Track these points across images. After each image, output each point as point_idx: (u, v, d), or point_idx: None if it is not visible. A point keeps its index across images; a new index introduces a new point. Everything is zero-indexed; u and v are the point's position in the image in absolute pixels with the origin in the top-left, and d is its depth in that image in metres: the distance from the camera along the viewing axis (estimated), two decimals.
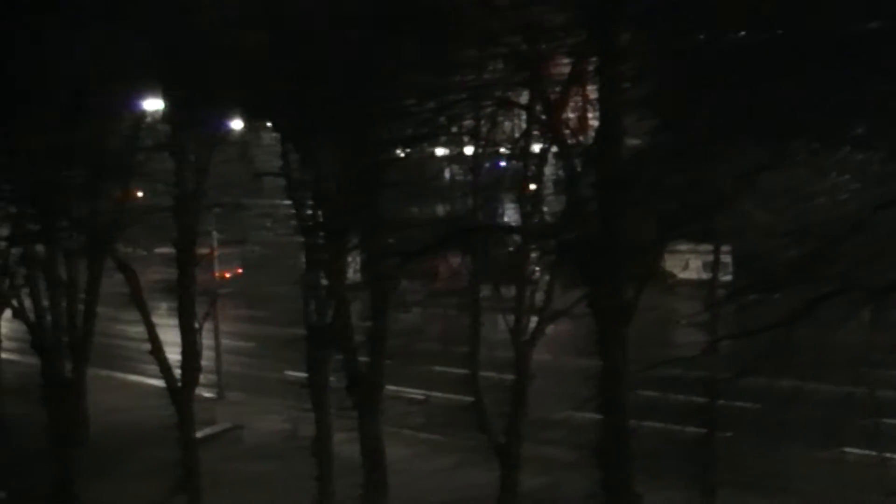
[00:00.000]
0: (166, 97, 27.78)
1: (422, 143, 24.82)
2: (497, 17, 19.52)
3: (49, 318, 32.00)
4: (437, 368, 31.60)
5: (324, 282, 25.74)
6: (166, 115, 28.30)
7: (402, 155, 24.71)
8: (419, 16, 20.19)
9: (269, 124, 27.79)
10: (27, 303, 32.03)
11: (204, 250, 34.42)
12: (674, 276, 24.34)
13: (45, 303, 31.89)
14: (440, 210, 25.61)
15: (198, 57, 24.04)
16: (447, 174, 26.88)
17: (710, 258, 26.68)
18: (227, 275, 30.89)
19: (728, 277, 26.14)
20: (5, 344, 40.64)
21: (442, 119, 23.39)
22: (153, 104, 28.99)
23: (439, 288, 27.10)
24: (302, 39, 22.09)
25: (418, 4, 20.60)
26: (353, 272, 26.48)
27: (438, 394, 34.04)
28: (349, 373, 24.67)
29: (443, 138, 25.47)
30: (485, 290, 25.35)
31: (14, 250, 34.36)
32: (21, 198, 30.60)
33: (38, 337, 31.46)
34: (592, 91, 19.69)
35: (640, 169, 18.30)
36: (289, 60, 22.20)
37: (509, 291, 25.29)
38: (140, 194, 32.70)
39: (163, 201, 28.56)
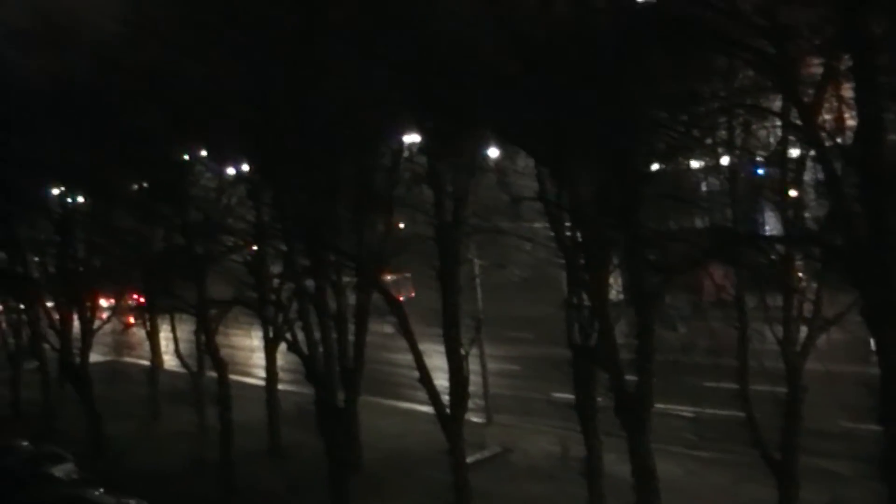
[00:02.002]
0: (423, 129, 28.44)
1: (677, 156, 24.53)
2: (742, 21, 19.19)
3: (321, 349, 33.07)
4: (707, 384, 31.05)
5: (587, 302, 25.69)
6: (423, 147, 28.95)
7: (659, 169, 24.48)
8: (665, 27, 20.09)
9: (523, 149, 28.01)
10: (300, 335, 33.17)
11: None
12: None
13: (317, 335, 32.97)
14: (700, 223, 25.21)
15: (452, 87, 24.54)
16: (704, 186, 26.46)
17: None
18: (401, 298, 31.39)
19: None
20: (281, 375, 42.13)
21: (695, 131, 23.16)
22: (411, 136, 29.69)
23: (705, 301, 26.62)
24: (550, 62, 22.27)
25: (663, 16, 20.50)
26: (615, 291, 26.33)
27: (709, 409, 33.42)
28: (617, 392, 24.49)
29: (698, 150, 25.10)
30: (751, 301, 24.79)
31: (286, 286, 35.81)
32: (291, 235, 31.86)
33: (311, 368, 32.55)
34: (848, 89, 19.11)
35: None
36: (539, 83, 22.41)
37: (776, 301, 24.63)
38: (401, 225, 33.45)
39: (424, 230, 29.17)
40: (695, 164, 26.02)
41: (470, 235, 30.29)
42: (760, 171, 25.62)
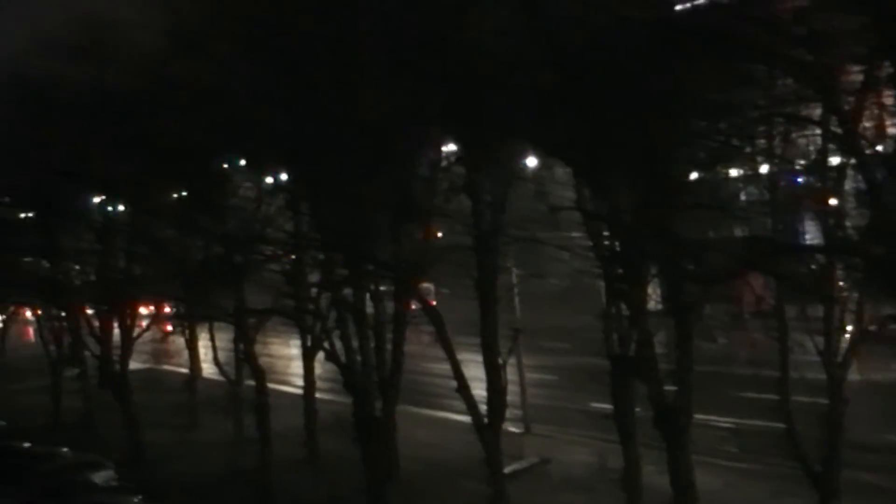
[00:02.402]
0: (460, 138, 28.41)
1: (716, 165, 24.38)
2: (781, 29, 19.06)
3: (359, 358, 33.06)
4: (747, 395, 30.78)
5: (625, 312, 25.56)
6: (461, 156, 28.92)
7: (697, 179, 24.34)
8: (701, 35, 19.99)
9: (560, 159, 27.94)
10: (338, 345, 33.18)
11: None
12: None
13: (355, 344, 32.97)
14: (739, 232, 25.03)
15: (489, 96, 24.49)
16: (743, 195, 26.30)
17: None
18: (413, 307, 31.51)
19: None
20: (319, 384, 42.13)
21: (734, 140, 23.00)
22: (449, 146, 29.67)
23: (744, 312, 26.43)
24: (587, 71, 22.17)
25: (701, 25, 20.41)
26: (654, 301, 26.18)
27: (749, 421, 33.14)
28: (656, 403, 24.34)
29: (737, 159, 24.93)
30: (791, 312, 24.58)
31: (324, 295, 35.84)
32: (329, 244, 31.90)
33: (349, 377, 32.56)
34: (888, 96, 18.94)
35: None
36: (575, 93, 22.33)
37: (817, 311, 24.41)
38: (440, 234, 33.43)
39: (462, 240, 29.12)
40: (734, 173, 25.86)
41: (508, 245, 30.21)
42: (800, 180, 25.44)
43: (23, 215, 54.62)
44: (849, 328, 24.13)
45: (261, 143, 32.58)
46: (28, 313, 73.16)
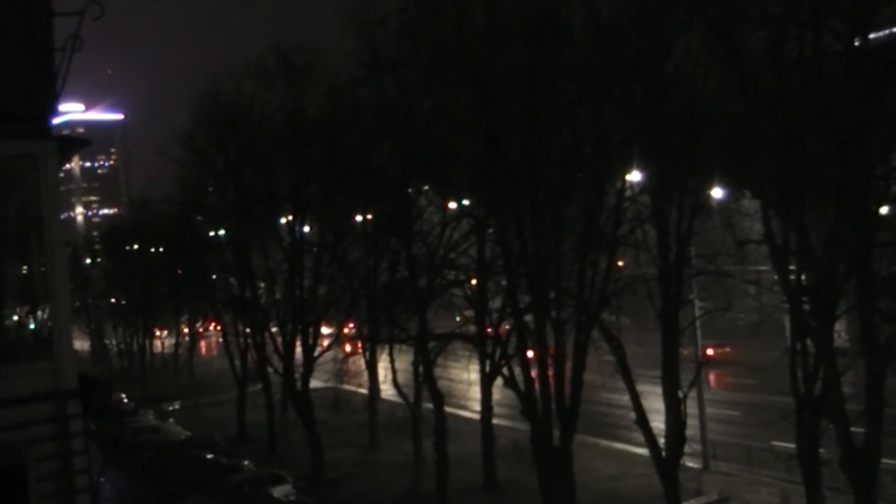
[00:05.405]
0: (649, 168, 28.11)
1: None
2: None
3: (538, 386, 32.94)
4: None
5: (812, 349, 24.86)
6: (648, 186, 28.62)
7: (892, 213, 23.59)
8: None
9: (748, 191, 27.39)
10: (517, 371, 33.13)
11: None
12: None
13: (534, 371, 32.84)
14: None
15: (678, 127, 24.23)
16: None
17: None
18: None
19: None
20: (497, 410, 42.14)
21: None
22: (635, 175, 29.38)
23: None
24: (780, 104, 21.77)
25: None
26: (844, 339, 25.39)
27: None
28: (843, 445, 23.55)
29: None
30: None
31: (506, 321, 35.88)
32: (513, 270, 31.93)
33: (528, 404, 32.45)
34: None
35: None
36: (768, 127, 21.92)
37: None
38: (620, 263, 33.10)
39: (647, 270, 28.78)
40: None
41: (693, 277, 29.75)
42: None
43: (213, 233, 56.42)
44: None
45: (449, 169, 32.93)
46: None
